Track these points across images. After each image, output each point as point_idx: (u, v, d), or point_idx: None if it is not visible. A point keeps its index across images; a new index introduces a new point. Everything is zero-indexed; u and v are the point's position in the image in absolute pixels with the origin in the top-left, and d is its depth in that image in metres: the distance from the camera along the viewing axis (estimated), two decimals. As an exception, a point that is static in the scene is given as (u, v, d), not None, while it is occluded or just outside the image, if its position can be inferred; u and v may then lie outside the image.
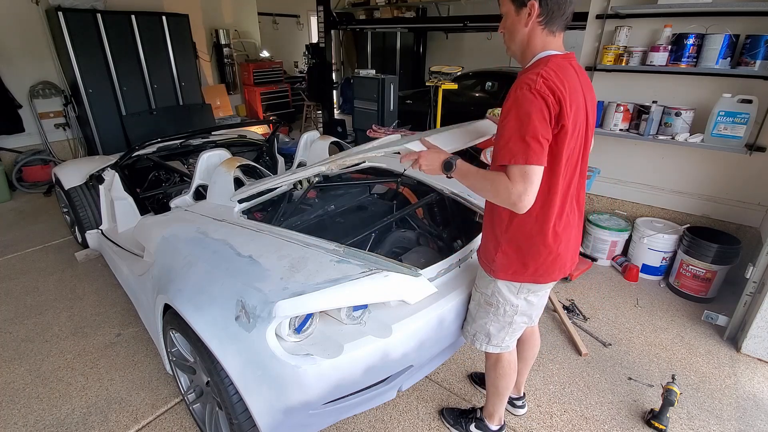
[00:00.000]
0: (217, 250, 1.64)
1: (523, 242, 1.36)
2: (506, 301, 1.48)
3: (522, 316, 1.52)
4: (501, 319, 1.52)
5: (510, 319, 1.51)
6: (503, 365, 1.64)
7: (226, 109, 6.73)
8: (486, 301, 1.52)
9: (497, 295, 1.48)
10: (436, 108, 4.71)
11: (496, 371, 1.66)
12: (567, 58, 1.26)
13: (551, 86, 1.15)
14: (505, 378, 1.67)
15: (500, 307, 1.49)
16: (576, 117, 1.22)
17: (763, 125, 2.68)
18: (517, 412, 1.98)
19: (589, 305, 2.81)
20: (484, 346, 1.59)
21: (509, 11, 1.27)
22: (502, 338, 1.56)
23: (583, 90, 1.27)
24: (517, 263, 1.39)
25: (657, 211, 3.29)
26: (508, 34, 1.31)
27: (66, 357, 2.30)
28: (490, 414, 1.79)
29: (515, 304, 1.47)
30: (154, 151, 3.27)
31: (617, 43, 3.02)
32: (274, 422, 1.34)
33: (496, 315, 1.52)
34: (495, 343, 1.58)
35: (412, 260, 2.04)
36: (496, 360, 1.65)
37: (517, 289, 1.44)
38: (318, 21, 6.16)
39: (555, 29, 1.25)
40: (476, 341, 1.61)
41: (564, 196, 1.33)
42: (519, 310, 1.49)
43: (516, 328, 1.55)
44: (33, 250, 3.46)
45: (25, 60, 4.74)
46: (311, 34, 9.68)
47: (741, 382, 2.21)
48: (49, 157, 4.98)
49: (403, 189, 2.52)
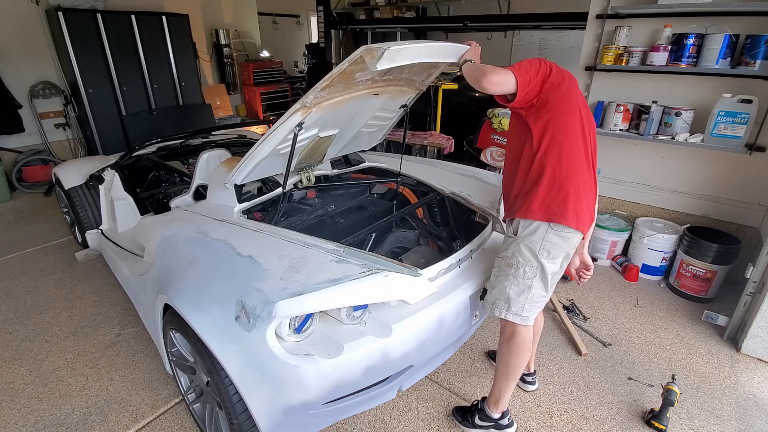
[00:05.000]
0: (217, 250, 1.64)
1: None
2: (526, 261, 1.53)
3: (540, 282, 1.55)
4: (521, 282, 1.56)
5: (530, 282, 1.55)
6: (517, 341, 1.64)
7: (226, 109, 6.73)
8: (506, 263, 1.58)
9: (517, 255, 1.55)
10: (436, 108, 4.71)
11: (510, 347, 1.66)
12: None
13: (551, 65, 1.52)
14: (518, 355, 1.66)
15: (520, 268, 1.55)
16: (570, 95, 1.51)
17: (763, 125, 2.68)
18: (528, 387, 2.08)
19: (589, 305, 2.81)
20: (503, 313, 1.61)
21: None
22: (521, 305, 1.58)
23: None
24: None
25: (657, 211, 3.29)
26: None
27: (66, 357, 2.30)
28: (496, 399, 1.77)
29: (535, 265, 1.53)
30: (154, 151, 3.27)
31: (617, 43, 3.02)
32: (274, 422, 1.34)
33: (516, 277, 1.56)
34: (515, 311, 1.59)
35: (412, 260, 2.04)
36: (511, 334, 1.65)
37: (542, 239, 1.52)
38: (318, 21, 6.17)
39: None
40: (496, 308, 1.63)
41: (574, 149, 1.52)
42: (538, 273, 1.54)
43: (535, 296, 1.57)
44: (33, 250, 3.46)
45: (25, 60, 4.74)
46: (311, 34, 9.67)
47: (741, 382, 2.21)
48: (49, 157, 4.98)
49: (403, 189, 2.52)
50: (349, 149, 2.44)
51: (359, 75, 1.65)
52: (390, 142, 4.54)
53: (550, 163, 1.49)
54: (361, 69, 1.56)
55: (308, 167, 2.21)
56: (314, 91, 1.58)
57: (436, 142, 4.33)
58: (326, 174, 2.40)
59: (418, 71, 1.94)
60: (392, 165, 2.59)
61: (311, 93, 1.59)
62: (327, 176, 2.41)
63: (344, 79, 1.60)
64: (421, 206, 2.35)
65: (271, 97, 7.58)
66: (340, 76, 1.54)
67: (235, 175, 1.93)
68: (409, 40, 1.48)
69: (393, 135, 4.10)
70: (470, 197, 2.22)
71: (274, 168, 2.06)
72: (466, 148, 4.24)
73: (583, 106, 1.55)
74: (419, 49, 1.55)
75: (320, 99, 1.66)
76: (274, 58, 7.95)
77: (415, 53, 1.53)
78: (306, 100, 1.62)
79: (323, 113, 1.75)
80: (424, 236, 2.30)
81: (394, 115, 2.30)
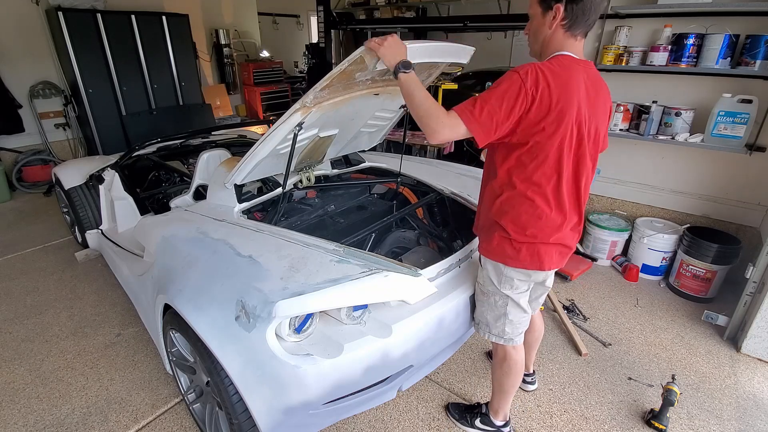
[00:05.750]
0: (217, 250, 1.64)
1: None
2: (495, 291, 1.53)
3: (514, 308, 1.54)
4: (494, 309, 1.57)
5: (503, 310, 1.55)
6: (509, 364, 1.66)
7: (226, 109, 6.72)
8: (481, 290, 1.60)
9: (487, 284, 1.55)
10: (436, 108, 4.70)
11: (502, 369, 1.68)
12: (581, 63, 1.31)
13: (538, 78, 1.20)
14: (511, 377, 1.68)
15: (491, 297, 1.55)
16: (564, 115, 1.24)
17: (763, 125, 2.68)
18: (528, 387, 2.09)
19: (589, 305, 2.81)
20: (487, 335, 1.63)
21: (536, 13, 1.34)
22: (501, 329, 1.58)
23: (588, 95, 1.30)
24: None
25: (657, 211, 3.29)
26: (533, 36, 1.39)
27: (66, 357, 2.30)
28: (496, 410, 1.81)
29: (503, 295, 1.52)
30: (154, 151, 3.27)
31: (617, 43, 3.02)
32: (274, 422, 1.34)
33: (489, 304, 1.58)
34: (497, 333, 1.60)
35: (412, 260, 2.04)
36: (503, 357, 1.66)
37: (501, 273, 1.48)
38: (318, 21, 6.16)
39: (577, 33, 1.31)
40: (480, 329, 1.65)
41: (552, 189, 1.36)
42: (509, 301, 1.52)
43: (513, 321, 1.56)
44: (33, 250, 3.46)
45: (25, 60, 4.74)
46: (311, 34, 9.67)
47: (741, 382, 2.21)
48: (49, 157, 4.98)
49: (403, 189, 2.52)
50: (349, 149, 2.44)
51: (359, 75, 1.64)
52: (390, 142, 4.54)
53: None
54: (361, 69, 1.56)
55: (308, 167, 2.21)
56: (314, 91, 1.58)
57: (436, 142, 4.33)
58: (326, 174, 2.40)
59: (418, 71, 1.93)
60: (392, 165, 2.58)
61: (311, 93, 1.59)
62: (327, 176, 2.41)
63: (344, 79, 1.60)
64: (421, 206, 2.35)
65: (271, 97, 7.58)
66: (340, 76, 1.54)
67: (235, 175, 1.93)
68: (408, 41, 1.47)
69: (393, 135, 4.10)
70: (470, 197, 2.21)
71: (274, 168, 2.06)
72: (466, 148, 4.24)
73: (592, 113, 1.34)
74: (419, 49, 1.55)
75: (320, 99, 1.66)
76: (274, 58, 7.95)
77: (415, 53, 1.53)
78: (306, 100, 1.62)
79: (323, 113, 1.75)
80: (424, 236, 2.30)
81: (394, 115, 2.30)
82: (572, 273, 3.04)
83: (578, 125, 1.28)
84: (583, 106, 1.28)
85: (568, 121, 1.25)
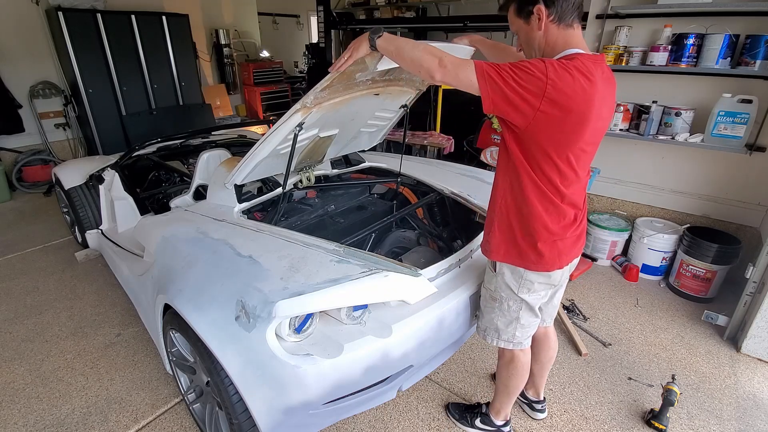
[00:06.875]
0: (217, 250, 1.64)
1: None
2: (509, 296, 1.49)
3: (527, 312, 1.51)
4: (506, 314, 1.53)
5: (516, 315, 1.51)
6: (516, 365, 1.64)
7: (226, 109, 6.72)
8: (491, 296, 1.55)
9: (500, 290, 1.50)
10: (436, 108, 4.71)
11: (509, 370, 1.67)
12: (595, 60, 1.22)
13: (561, 75, 1.13)
14: (517, 377, 1.67)
15: (504, 302, 1.51)
16: (584, 118, 1.19)
17: (763, 125, 2.68)
18: (537, 416, 1.95)
19: (589, 305, 2.81)
20: (496, 341, 1.59)
21: (520, 26, 1.29)
22: (512, 333, 1.55)
23: (603, 95, 1.23)
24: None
25: (657, 211, 3.29)
26: (527, 47, 1.33)
27: (66, 357, 2.30)
28: (497, 410, 1.79)
29: (518, 299, 1.48)
30: (154, 151, 3.27)
31: (617, 43, 3.02)
32: (274, 422, 1.34)
33: (501, 310, 1.53)
34: (506, 339, 1.57)
35: (412, 260, 2.04)
36: (509, 359, 1.65)
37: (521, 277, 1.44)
38: (318, 21, 6.16)
39: (571, 21, 1.24)
40: (488, 336, 1.61)
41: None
42: (523, 305, 1.49)
43: (525, 324, 1.54)
44: (33, 250, 3.46)
45: (25, 60, 4.74)
46: (311, 34, 9.67)
47: (741, 382, 2.21)
48: (49, 157, 4.98)
49: (403, 189, 2.52)
50: (349, 149, 2.44)
51: (359, 75, 1.64)
52: (390, 142, 4.54)
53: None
54: (362, 69, 1.56)
55: (308, 167, 2.21)
56: (314, 92, 1.58)
57: (436, 142, 4.33)
58: (326, 174, 2.41)
59: None
60: (392, 165, 2.58)
61: (311, 93, 1.59)
62: (327, 176, 2.41)
63: (344, 79, 1.60)
64: (421, 206, 2.35)
65: (271, 97, 7.58)
66: (340, 77, 1.54)
67: (235, 175, 1.93)
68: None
69: (393, 135, 4.10)
70: (470, 197, 2.21)
71: (274, 168, 2.06)
72: (466, 148, 4.24)
73: (598, 115, 1.31)
74: None
75: (320, 99, 1.66)
76: (274, 58, 7.95)
77: None
78: (306, 101, 1.62)
79: (323, 113, 1.75)
80: (424, 236, 2.30)
81: (394, 115, 2.30)
82: (572, 273, 3.04)
83: (593, 125, 1.24)
84: (600, 107, 1.23)
85: (586, 123, 1.21)
